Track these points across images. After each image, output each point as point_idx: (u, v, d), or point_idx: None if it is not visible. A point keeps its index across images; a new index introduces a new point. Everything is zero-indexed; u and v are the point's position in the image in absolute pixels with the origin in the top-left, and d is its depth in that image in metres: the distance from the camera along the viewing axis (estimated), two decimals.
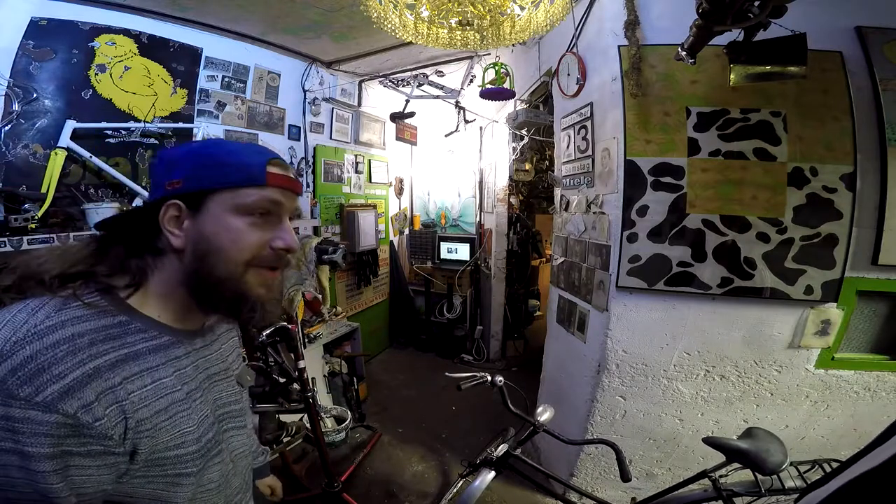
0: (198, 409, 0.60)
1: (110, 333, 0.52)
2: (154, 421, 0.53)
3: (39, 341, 0.47)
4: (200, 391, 0.61)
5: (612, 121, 1.72)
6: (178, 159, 0.58)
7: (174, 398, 0.56)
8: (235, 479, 0.70)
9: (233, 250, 0.56)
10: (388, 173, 4.11)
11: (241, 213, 0.57)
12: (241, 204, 0.57)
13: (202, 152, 0.58)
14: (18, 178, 1.77)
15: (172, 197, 0.56)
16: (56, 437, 0.45)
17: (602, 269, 1.80)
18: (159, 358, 0.56)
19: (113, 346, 0.51)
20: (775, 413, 1.77)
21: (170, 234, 0.56)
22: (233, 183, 0.56)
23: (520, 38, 1.40)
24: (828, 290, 1.57)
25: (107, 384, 0.49)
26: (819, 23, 1.44)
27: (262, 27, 2.48)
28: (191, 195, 0.56)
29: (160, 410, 0.54)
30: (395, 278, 4.19)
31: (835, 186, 1.53)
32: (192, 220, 0.56)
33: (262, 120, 2.77)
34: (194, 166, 0.57)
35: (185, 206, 0.56)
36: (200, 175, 0.56)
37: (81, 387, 0.47)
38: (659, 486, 1.64)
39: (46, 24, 1.84)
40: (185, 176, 0.56)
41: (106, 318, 0.53)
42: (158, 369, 0.55)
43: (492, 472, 1.49)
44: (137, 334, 0.54)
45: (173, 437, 0.55)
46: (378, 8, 1.33)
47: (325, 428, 2.33)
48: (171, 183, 0.56)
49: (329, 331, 2.88)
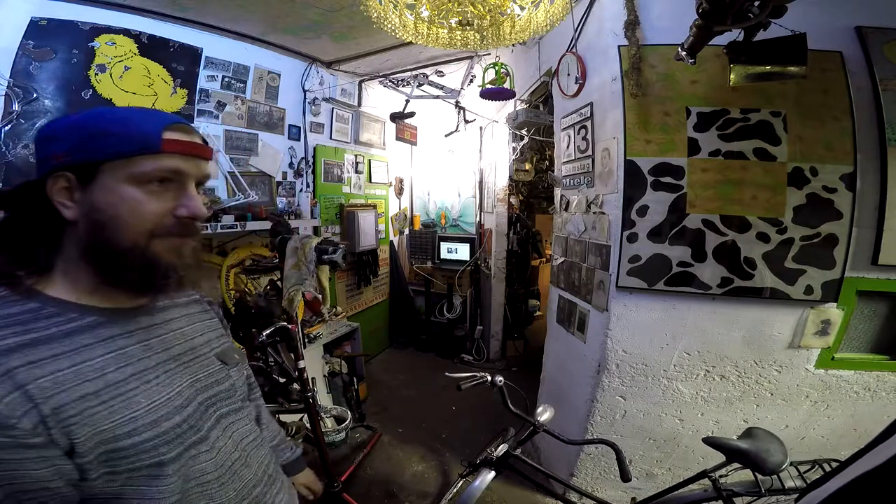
0: (152, 392, 0.56)
1: (14, 320, 0.49)
2: (79, 406, 0.49)
3: None
4: (157, 372, 0.58)
5: (612, 121, 1.72)
6: (61, 131, 0.55)
7: (107, 380, 0.52)
8: (247, 471, 0.66)
9: (132, 220, 0.54)
10: (388, 173, 4.11)
11: (137, 182, 0.54)
12: (137, 173, 0.54)
13: (87, 123, 0.54)
14: (18, 178, 1.77)
15: (59, 170, 0.53)
16: None
17: (602, 269, 1.80)
18: (82, 340, 0.52)
19: (14, 332, 0.48)
20: (775, 413, 1.77)
21: (61, 205, 0.53)
22: (124, 153, 0.53)
23: (520, 38, 1.39)
24: (828, 290, 1.57)
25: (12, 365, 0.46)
26: (819, 23, 1.44)
27: (262, 27, 2.48)
28: (80, 167, 0.53)
29: (87, 395, 0.50)
30: (395, 278, 4.19)
31: (835, 186, 1.53)
32: (84, 192, 0.53)
33: (262, 120, 2.77)
34: (81, 138, 0.53)
35: (76, 178, 0.53)
36: (87, 147, 0.53)
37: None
38: (659, 486, 1.64)
39: (46, 24, 1.84)
40: (69, 148, 0.53)
41: (10, 307, 0.50)
42: (80, 351, 0.52)
43: (492, 472, 1.49)
44: (50, 318, 0.51)
45: (118, 424, 0.51)
46: (378, 8, 1.33)
47: (325, 428, 2.33)
48: (56, 156, 0.53)
49: (329, 331, 2.88)
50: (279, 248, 1.86)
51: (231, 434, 0.66)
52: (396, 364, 3.89)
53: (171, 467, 0.55)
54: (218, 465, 0.61)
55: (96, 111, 0.56)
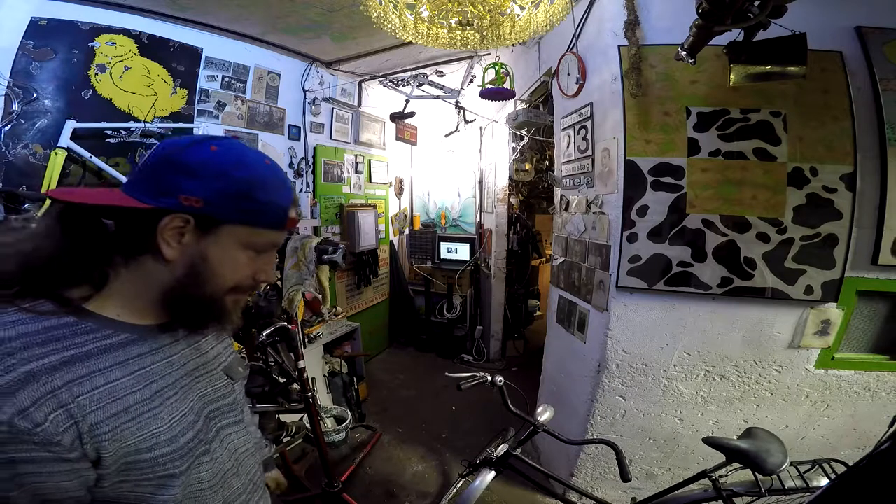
0: (171, 408, 0.57)
1: (53, 335, 0.49)
2: (112, 423, 0.50)
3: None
4: (176, 388, 0.59)
5: (612, 121, 1.72)
6: (201, 170, 0.52)
7: (136, 398, 0.53)
8: (236, 480, 0.68)
9: (228, 278, 0.56)
10: (388, 173, 4.11)
11: (248, 247, 0.56)
12: (254, 243, 0.57)
13: (239, 175, 0.53)
14: (18, 178, 1.77)
15: (184, 213, 0.51)
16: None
17: (602, 269, 1.80)
18: (115, 357, 0.53)
19: (55, 349, 0.48)
20: (775, 413, 1.77)
21: (165, 243, 0.52)
22: (259, 224, 0.56)
23: (520, 38, 1.40)
24: (828, 290, 1.57)
25: (45, 388, 0.46)
26: (819, 23, 1.44)
27: (262, 27, 2.48)
28: (206, 217, 0.52)
29: (119, 412, 0.51)
30: (395, 278, 4.19)
31: (835, 186, 1.53)
32: (197, 240, 0.53)
33: (262, 120, 2.77)
34: (224, 193, 0.52)
35: (195, 223, 0.52)
36: (228, 206, 0.53)
37: (13, 392, 0.44)
38: (659, 486, 1.64)
39: (46, 24, 1.84)
40: (208, 198, 0.51)
41: (48, 321, 0.50)
42: (114, 369, 0.52)
43: (492, 472, 1.49)
44: (88, 335, 0.51)
45: (142, 439, 0.52)
46: (378, 8, 1.33)
47: (325, 428, 2.33)
48: (189, 199, 0.51)
49: (329, 331, 2.88)
50: (279, 248, 1.86)
51: (227, 445, 0.68)
52: (396, 364, 3.89)
53: (181, 479, 0.56)
54: (213, 475, 0.62)
55: (240, 160, 0.54)
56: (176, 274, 0.54)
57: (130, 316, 0.56)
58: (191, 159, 0.52)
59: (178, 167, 0.52)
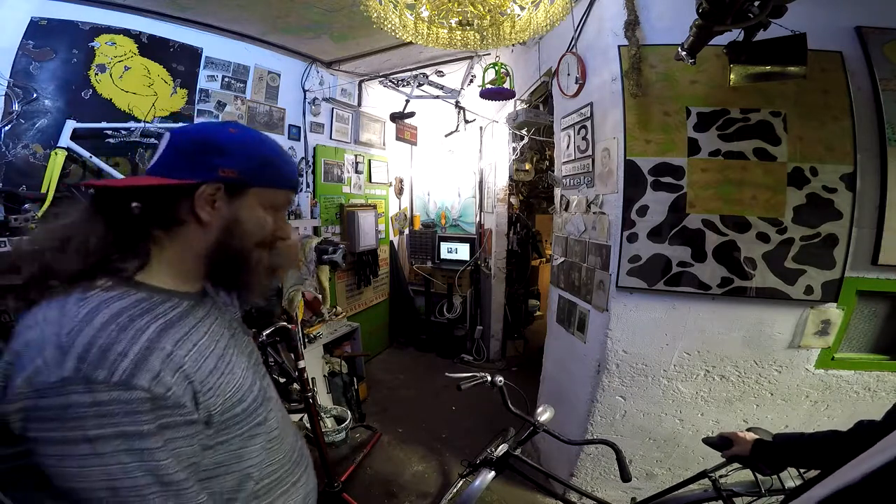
0: (238, 362, 0.63)
1: (144, 307, 0.53)
2: (212, 380, 0.55)
3: (89, 326, 0.48)
4: (232, 346, 0.65)
5: (612, 121, 1.72)
6: (229, 147, 0.61)
7: (216, 356, 0.59)
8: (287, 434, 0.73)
9: (256, 234, 0.64)
10: (388, 173, 4.11)
11: (268, 206, 0.65)
12: (275, 202, 0.66)
13: (261, 151, 0.64)
14: (18, 178, 1.77)
15: (219, 182, 0.60)
16: (144, 413, 0.47)
17: (602, 269, 1.80)
18: (190, 322, 0.58)
19: (150, 319, 0.53)
20: (775, 413, 1.77)
21: (202, 209, 0.59)
22: (280, 186, 0.66)
23: (520, 38, 1.40)
24: (828, 290, 1.57)
25: (163, 353, 0.51)
26: (819, 23, 1.43)
27: (262, 27, 2.48)
28: (236, 184, 0.61)
29: (212, 370, 0.56)
30: (395, 278, 4.19)
31: (835, 186, 1.53)
32: (228, 203, 0.61)
33: (262, 120, 2.77)
34: (254, 163, 0.62)
35: (225, 190, 0.60)
36: (258, 173, 0.63)
37: (145, 360, 0.49)
38: (659, 486, 1.64)
39: (46, 24, 1.84)
40: (241, 168, 0.61)
41: (134, 295, 0.54)
42: (192, 333, 0.57)
43: (492, 472, 1.49)
44: (164, 304, 0.56)
45: (233, 392, 0.58)
46: (378, 8, 1.33)
47: (325, 428, 2.32)
48: (224, 170, 0.60)
49: (329, 331, 2.88)
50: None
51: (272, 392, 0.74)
52: (396, 364, 3.89)
53: (265, 426, 0.64)
54: (277, 421, 0.69)
55: (260, 139, 0.66)
56: (213, 234, 0.61)
57: (177, 284, 0.61)
58: (221, 141, 0.61)
59: (210, 148, 0.60)
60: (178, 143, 0.61)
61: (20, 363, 0.47)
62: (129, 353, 0.48)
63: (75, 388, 0.45)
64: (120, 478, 0.46)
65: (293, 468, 0.71)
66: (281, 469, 0.68)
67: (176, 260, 0.61)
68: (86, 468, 0.46)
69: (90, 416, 0.45)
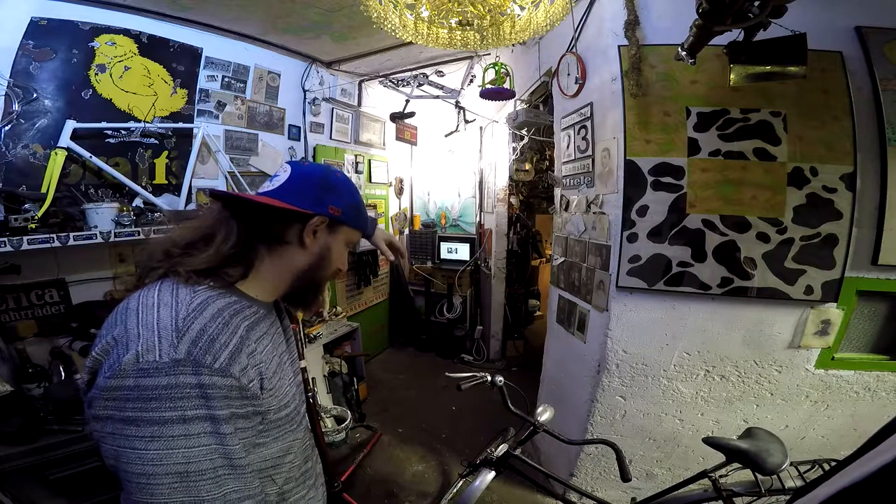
0: (288, 371, 0.71)
1: (237, 308, 0.60)
2: (272, 381, 0.62)
3: (202, 315, 0.55)
4: (285, 356, 0.72)
5: (612, 121, 1.72)
6: (340, 189, 0.73)
7: (276, 361, 0.66)
8: (309, 444, 0.79)
9: (336, 264, 0.75)
10: (388, 173, 4.11)
11: (347, 244, 0.77)
12: (352, 240, 0.78)
13: (356, 197, 0.77)
14: (18, 178, 1.77)
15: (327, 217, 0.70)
16: (229, 400, 0.53)
17: (602, 269, 1.80)
18: (262, 328, 0.65)
19: (242, 318, 0.60)
20: (775, 413, 1.77)
21: (308, 236, 0.69)
22: (359, 228, 0.78)
23: (520, 38, 1.39)
24: (828, 290, 1.57)
25: (250, 349, 0.58)
26: (819, 23, 1.43)
27: (262, 27, 2.48)
28: (336, 221, 0.72)
29: (274, 372, 0.63)
30: (395, 278, 4.19)
31: (835, 186, 1.53)
32: (325, 235, 0.72)
33: (262, 120, 2.77)
34: (351, 206, 0.74)
35: (327, 224, 0.71)
36: (352, 215, 0.74)
37: (239, 352, 0.55)
38: (659, 486, 1.64)
39: (46, 24, 1.84)
40: (344, 208, 0.72)
41: (227, 297, 0.61)
42: (264, 337, 0.64)
43: (492, 472, 1.49)
44: (249, 308, 0.63)
45: (282, 396, 0.64)
46: (378, 8, 1.33)
47: (325, 428, 2.33)
48: (334, 208, 0.71)
49: (329, 331, 2.88)
50: None
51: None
52: (396, 364, 3.89)
53: (295, 434, 0.69)
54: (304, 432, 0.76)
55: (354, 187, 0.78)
56: (308, 258, 0.70)
57: (258, 294, 0.68)
58: (333, 182, 0.73)
59: (327, 187, 0.71)
60: (300, 176, 0.70)
61: (126, 341, 0.51)
62: (229, 344, 0.54)
63: (184, 370, 0.50)
64: (199, 460, 0.49)
65: (306, 481, 0.76)
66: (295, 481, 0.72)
67: (269, 274, 0.69)
68: (171, 450, 0.48)
69: (193, 397, 0.50)
